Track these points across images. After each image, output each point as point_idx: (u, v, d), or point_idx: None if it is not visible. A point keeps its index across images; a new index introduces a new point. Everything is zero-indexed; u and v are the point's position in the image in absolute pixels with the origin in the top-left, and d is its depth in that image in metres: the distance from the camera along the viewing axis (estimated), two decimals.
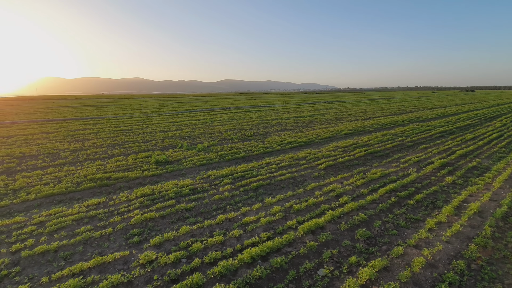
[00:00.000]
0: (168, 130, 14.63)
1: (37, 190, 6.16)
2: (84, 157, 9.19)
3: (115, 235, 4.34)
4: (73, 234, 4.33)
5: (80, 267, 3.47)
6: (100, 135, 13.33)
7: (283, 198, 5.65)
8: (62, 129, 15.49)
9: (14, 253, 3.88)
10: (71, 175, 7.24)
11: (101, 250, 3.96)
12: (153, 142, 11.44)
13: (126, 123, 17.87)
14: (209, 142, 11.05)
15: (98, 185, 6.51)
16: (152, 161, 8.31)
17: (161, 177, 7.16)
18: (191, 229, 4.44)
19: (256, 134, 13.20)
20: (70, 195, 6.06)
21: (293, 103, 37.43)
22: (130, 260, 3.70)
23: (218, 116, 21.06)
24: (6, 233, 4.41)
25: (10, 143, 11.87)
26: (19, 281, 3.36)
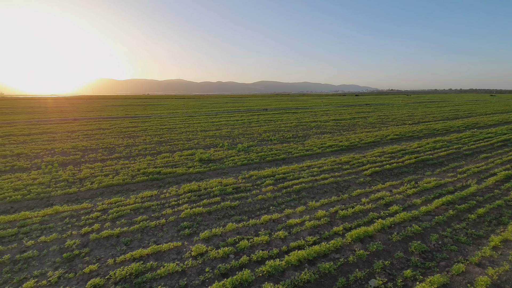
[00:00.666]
0: (209, 130, 15.22)
1: (99, 180, 6.86)
2: (136, 152, 9.98)
3: (168, 226, 4.64)
4: (131, 222, 4.74)
5: (139, 253, 3.78)
6: (148, 133, 14.36)
7: (327, 202, 5.52)
8: (116, 126, 17.01)
9: (83, 235, 4.37)
10: (126, 168, 7.92)
11: (156, 239, 4.27)
12: (195, 141, 12.00)
13: (170, 122, 19.01)
14: (248, 143, 11.24)
15: (150, 179, 7.03)
16: (196, 159, 8.72)
17: (205, 175, 7.47)
18: (237, 226, 4.56)
19: (295, 136, 13.09)
20: (126, 186, 6.63)
21: (331, 105, 36.35)
22: (182, 251, 3.93)
23: (255, 117, 21.32)
24: (76, 217, 4.99)
25: (74, 137, 13.39)
26: (88, 261, 3.77)
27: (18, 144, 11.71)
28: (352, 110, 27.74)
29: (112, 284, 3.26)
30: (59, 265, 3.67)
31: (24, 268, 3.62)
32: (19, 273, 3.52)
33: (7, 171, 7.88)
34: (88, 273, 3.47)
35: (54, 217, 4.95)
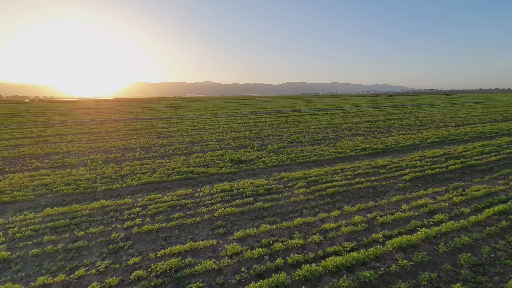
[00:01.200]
0: (238, 131, 15.42)
1: (139, 177, 7.26)
2: (170, 152, 10.43)
3: (203, 225, 4.76)
4: (169, 218, 4.94)
5: (178, 249, 3.93)
6: (181, 133, 14.94)
7: (364, 208, 5.28)
8: (151, 127, 17.95)
9: (126, 229, 4.64)
10: (162, 167, 8.30)
11: (192, 236, 4.40)
12: (225, 142, 12.22)
13: (200, 123, 19.60)
14: (278, 144, 11.19)
15: (184, 178, 7.29)
16: (227, 159, 8.87)
17: (236, 175, 7.56)
18: (270, 228, 4.54)
19: (326, 138, 12.76)
20: (163, 184, 6.94)
21: (363, 106, 34.95)
22: (217, 249, 4.00)
23: (284, 119, 21.19)
24: (119, 211, 5.32)
25: (115, 137, 14.36)
26: (131, 253, 3.99)
27: (67, 142, 12.85)
28: (386, 111, 26.41)
29: (153, 277, 3.41)
30: (106, 256, 3.93)
31: (75, 257, 3.94)
32: (71, 261, 3.83)
33: (59, 167, 8.67)
34: (132, 265, 3.68)
35: (100, 210, 5.34)
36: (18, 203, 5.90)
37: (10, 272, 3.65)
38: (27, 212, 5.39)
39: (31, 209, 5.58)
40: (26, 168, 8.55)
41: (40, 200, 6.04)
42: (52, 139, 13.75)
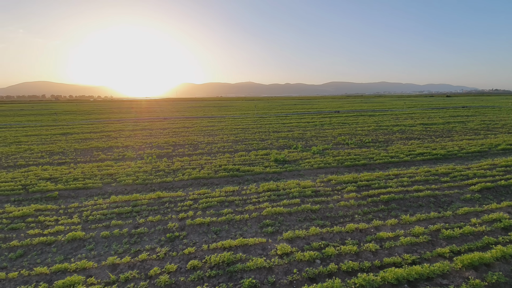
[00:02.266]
0: (281, 131, 15.35)
1: (189, 172, 7.67)
2: (216, 149, 10.82)
3: (251, 222, 4.82)
4: (219, 213, 5.11)
5: (229, 243, 4.03)
6: (225, 132, 15.43)
7: (425, 218, 4.81)
8: (197, 125, 18.87)
9: (181, 220, 4.93)
10: (209, 163, 8.65)
11: (242, 233, 4.48)
12: (268, 141, 12.26)
13: (243, 122, 19.99)
14: (323, 146, 10.84)
15: (230, 175, 7.48)
16: (271, 159, 8.88)
17: (281, 175, 7.52)
18: (320, 231, 4.40)
19: (375, 140, 12.00)
20: (211, 180, 7.22)
21: (416, 108, 32.11)
22: (267, 248, 4.01)
23: (327, 120, 20.51)
24: (173, 203, 5.68)
25: (165, 134, 15.42)
26: (186, 243, 4.22)
27: (125, 137, 14.18)
28: (444, 113, 23.87)
29: (208, 268, 3.55)
30: (164, 243, 4.22)
31: (138, 242, 4.30)
32: (135, 245, 4.19)
33: (120, 159, 9.60)
34: (187, 254, 3.89)
35: (157, 201, 5.76)
36: (89, 189, 6.68)
37: (84, 250, 4.13)
38: (97, 198, 6.07)
39: (99, 196, 6.27)
40: (94, 159, 9.65)
41: (107, 188, 6.75)
42: (113, 134, 15.32)
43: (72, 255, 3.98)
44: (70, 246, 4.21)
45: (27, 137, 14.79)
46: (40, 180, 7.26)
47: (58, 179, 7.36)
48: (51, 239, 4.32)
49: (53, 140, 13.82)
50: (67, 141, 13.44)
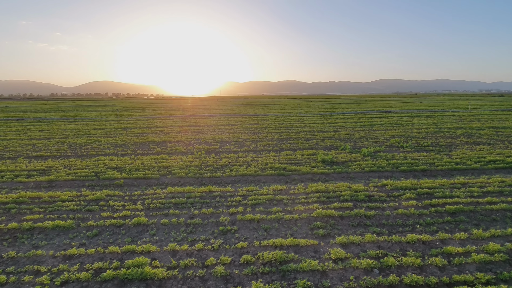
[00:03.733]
0: (326, 131, 14.87)
1: (236, 169, 7.89)
2: (261, 147, 10.94)
3: (301, 222, 4.76)
4: (268, 211, 5.16)
5: (280, 242, 4.04)
6: (268, 130, 15.50)
7: (500, 234, 4.21)
8: (241, 123, 19.30)
9: (232, 215, 5.09)
10: (256, 161, 8.78)
11: (292, 232, 4.45)
12: (314, 141, 11.96)
13: (286, 121, 19.85)
14: (374, 148, 10.20)
15: (277, 174, 7.49)
16: (318, 159, 8.65)
17: (329, 176, 7.28)
18: (377, 239, 4.14)
19: (435, 144, 10.88)
20: (258, 177, 7.32)
21: (483, 108, 28.28)
22: (319, 251, 3.92)
23: (377, 120, 19.24)
24: (224, 197, 5.90)
25: (212, 130, 16.09)
26: (238, 238, 4.34)
27: (176, 133, 15.18)
28: None
29: (261, 265, 3.61)
30: (217, 235, 4.41)
31: (194, 231, 4.56)
32: (191, 235, 4.46)
33: (173, 153, 10.31)
34: (240, 248, 4.00)
35: (208, 194, 6.05)
36: (148, 179, 7.31)
37: (147, 235, 4.53)
38: (155, 188, 6.61)
39: (157, 186, 6.82)
40: (150, 152, 10.52)
41: (163, 179, 7.31)
42: (166, 130, 16.51)
43: (138, 238, 4.40)
44: (135, 230, 4.65)
45: (95, 130, 16.76)
46: (108, 168, 8.17)
47: (122, 168, 8.19)
48: (120, 222, 4.84)
49: (116, 133, 15.43)
50: (127, 134, 14.90)
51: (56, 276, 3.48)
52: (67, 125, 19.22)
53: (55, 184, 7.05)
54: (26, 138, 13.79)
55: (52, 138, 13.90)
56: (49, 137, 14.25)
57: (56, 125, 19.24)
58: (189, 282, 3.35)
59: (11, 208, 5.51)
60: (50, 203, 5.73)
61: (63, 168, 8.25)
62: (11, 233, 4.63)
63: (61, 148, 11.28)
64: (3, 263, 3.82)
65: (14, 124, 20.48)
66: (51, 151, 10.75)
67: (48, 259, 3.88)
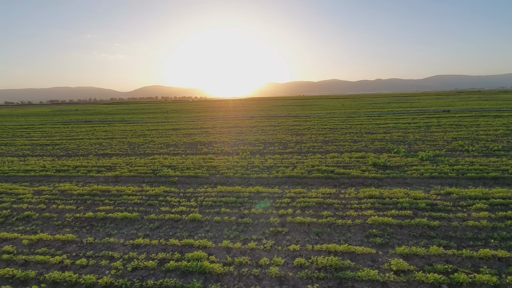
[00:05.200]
0: (375, 132, 14.00)
1: (282, 170, 7.89)
2: (305, 149, 10.76)
3: (355, 229, 4.56)
4: (318, 215, 5.05)
5: (334, 248, 3.93)
6: (312, 131, 15.18)
7: None
8: (283, 124, 19.24)
9: (281, 216, 5.11)
10: (301, 163, 8.67)
11: (346, 239, 4.29)
12: (362, 143, 11.36)
13: (330, 122, 19.22)
14: (433, 152, 9.29)
15: (324, 177, 7.30)
16: (369, 163, 8.20)
17: (382, 181, 6.85)
18: (444, 252, 3.77)
19: (507, 148, 9.49)
20: (304, 180, 7.22)
21: None
22: (377, 260, 3.71)
23: (434, 121, 17.50)
24: (272, 198, 5.95)
25: (255, 131, 16.34)
26: (289, 240, 4.34)
27: (221, 134, 15.77)
28: None
29: (315, 269, 3.55)
30: (268, 236, 4.47)
31: (245, 230, 4.69)
32: (243, 234, 4.59)
33: (219, 153, 10.73)
34: (292, 251, 3.99)
35: (256, 195, 6.16)
36: (199, 178, 7.73)
37: (202, 231, 4.79)
38: (206, 186, 6.96)
39: (207, 185, 7.16)
40: (198, 152, 11.10)
41: (212, 178, 7.66)
42: (211, 131, 17.27)
43: (194, 233, 4.68)
44: (191, 225, 4.96)
45: (149, 131, 18.29)
46: (163, 167, 8.85)
47: (175, 167, 8.80)
48: (177, 217, 5.20)
49: (167, 134, 16.64)
50: (177, 135, 15.95)
51: (127, 262, 3.88)
52: (125, 126, 21.33)
53: (120, 179, 7.87)
54: (93, 138, 15.67)
55: (114, 138, 15.56)
56: (112, 137, 15.97)
57: (116, 126, 21.48)
58: (245, 279, 3.46)
59: (87, 200, 6.31)
60: (118, 196, 6.42)
61: (125, 165, 9.18)
62: (88, 221, 5.31)
63: (122, 147, 12.56)
64: (83, 248, 4.40)
65: (83, 125, 23.42)
66: (115, 150, 12.03)
67: (119, 246, 4.36)
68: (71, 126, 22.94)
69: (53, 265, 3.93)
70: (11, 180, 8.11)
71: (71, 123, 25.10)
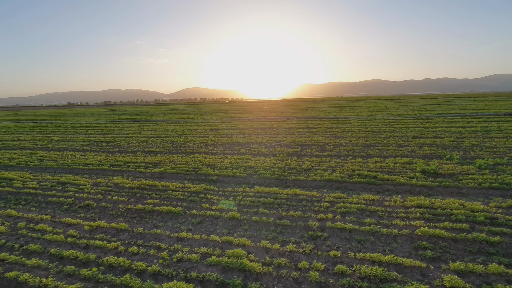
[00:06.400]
0: (424, 137, 12.93)
1: (320, 173, 7.71)
2: (345, 152, 10.37)
3: (401, 240, 4.28)
4: (360, 222, 4.84)
5: (378, 258, 3.73)
6: (352, 134, 14.56)
7: None
8: (320, 126, 18.77)
9: (320, 220, 5.00)
10: (341, 167, 8.37)
11: (391, 249, 4.05)
12: (409, 148, 10.58)
13: (371, 125, 18.23)
14: (493, 160, 8.27)
15: (366, 182, 6.95)
16: (417, 169, 7.60)
17: (433, 190, 6.30)
18: (505, 271, 3.35)
19: None
20: (344, 184, 6.97)
21: None
22: (428, 275, 3.43)
23: (494, 125, 15.58)
24: (310, 202, 5.85)
25: (291, 133, 16.20)
26: (330, 245, 4.23)
27: (257, 135, 15.93)
28: None
29: (358, 278, 3.41)
30: (307, 240, 4.41)
31: (283, 232, 4.69)
32: (281, 235, 4.59)
33: (256, 154, 10.86)
34: (332, 257, 3.89)
35: (294, 197, 6.11)
36: (237, 177, 7.91)
37: (241, 229, 4.90)
38: (244, 186, 7.10)
39: (245, 184, 7.30)
40: (236, 152, 11.37)
41: (250, 178, 7.79)
42: (247, 132, 17.55)
43: (233, 231, 4.82)
44: (230, 223, 5.11)
45: (189, 130, 19.23)
46: (203, 165, 9.25)
47: (214, 166, 9.13)
48: (217, 214, 5.40)
49: (205, 134, 17.33)
50: (215, 135, 16.53)
51: (173, 253, 4.15)
52: (168, 126, 22.72)
53: (164, 175, 8.42)
54: (141, 136, 16.98)
55: (158, 136, 16.68)
56: (157, 136, 17.14)
57: (160, 126, 22.99)
58: (284, 281, 3.46)
59: (137, 193, 6.87)
60: (163, 191, 6.88)
61: (169, 163, 9.79)
62: (138, 212, 5.78)
63: (166, 146, 13.40)
64: (134, 237, 4.80)
65: (132, 124, 25.50)
66: (159, 148, 12.90)
67: (165, 238, 4.67)
68: (121, 125, 25.14)
69: (109, 250, 4.37)
70: (74, 172, 9.19)
71: (121, 122, 27.52)
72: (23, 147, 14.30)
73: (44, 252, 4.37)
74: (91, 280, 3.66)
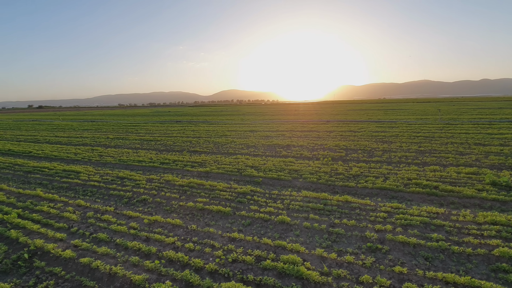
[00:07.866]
0: (488, 144, 11.51)
1: (372, 181, 7.27)
2: (396, 159, 9.66)
3: (477, 260, 3.80)
4: (425, 237, 4.42)
5: (452, 278, 3.35)
6: (401, 139, 13.55)
7: None
8: (364, 129, 17.83)
9: (378, 232, 4.68)
10: (394, 174, 7.81)
11: (466, 269, 3.61)
12: (472, 157, 9.48)
13: (423, 129, 16.80)
14: None
15: (426, 193, 6.36)
16: (486, 181, 6.76)
17: (507, 205, 5.53)
18: None
19: None
20: (400, 194, 6.46)
21: None
22: None
23: None
24: (364, 210, 5.53)
25: (333, 136, 15.64)
26: (392, 260, 3.92)
27: (298, 138, 15.68)
28: None
29: None
30: (365, 251, 4.15)
31: (337, 241, 4.48)
32: (336, 244, 4.39)
33: (299, 157, 10.66)
34: (398, 273, 3.59)
35: (346, 204, 5.83)
36: (282, 180, 7.83)
37: (292, 234, 4.80)
38: (290, 190, 6.99)
39: (291, 188, 7.18)
40: (278, 155, 11.30)
41: (295, 182, 7.65)
42: (287, 134, 17.38)
43: (285, 236, 4.74)
44: (281, 227, 5.04)
45: (229, 131, 19.68)
46: (247, 167, 9.35)
47: (258, 168, 9.17)
48: (266, 217, 5.37)
49: (245, 135, 17.56)
50: (255, 137, 16.66)
51: (227, 253, 4.21)
52: (208, 127, 23.55)
53: (210, 175, 8.68)
54: (184, 136, 17.83)
55: (201, 137, 17.35)
56: (199, 136, 17.85)
57: (201, 127, 23.94)
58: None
59: (186, 190, 7.18)
60: (211, 191, 7.09)
61: (213, 163, 10.09)
62: (189, 210, 6.02)
63: (208, 146, 13.87)
64: (188, 233, 4.99)
65: (175, 125, 26.95)
66: (202, 148, 13.39)
67: (218, 237, 4.77)
68: (166, 125, 26.72)
69: (167, 244, 4.59)
70: (129, 168, 9.95)
71: (166, 123, 29.26)
72: (85, 144, 15.96)
73: (111, 242, 4.76)
74: (154, 272, 3.87)
